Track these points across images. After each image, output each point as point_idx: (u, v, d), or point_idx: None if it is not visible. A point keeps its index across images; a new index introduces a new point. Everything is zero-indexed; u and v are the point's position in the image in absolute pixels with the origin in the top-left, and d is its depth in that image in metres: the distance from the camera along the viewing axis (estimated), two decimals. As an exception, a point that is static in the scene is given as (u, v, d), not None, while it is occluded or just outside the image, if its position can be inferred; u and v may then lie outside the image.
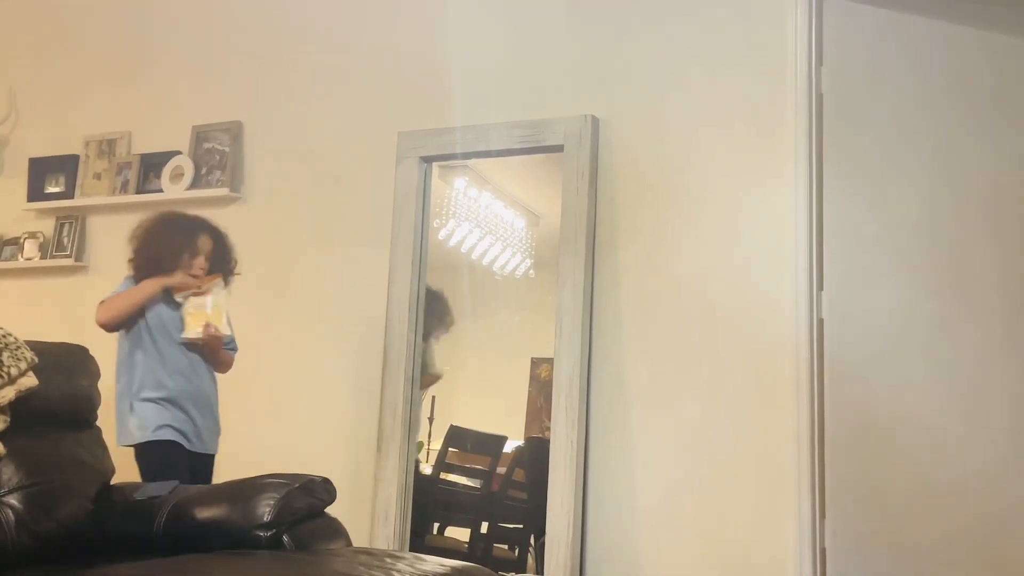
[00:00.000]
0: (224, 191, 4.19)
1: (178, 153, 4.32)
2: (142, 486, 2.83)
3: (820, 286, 3.33)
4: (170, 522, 2.61)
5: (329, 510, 2.74)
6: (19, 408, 2.63)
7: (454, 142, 3.83)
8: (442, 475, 4.91)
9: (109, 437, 2.99)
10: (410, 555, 2.55)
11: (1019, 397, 3.27)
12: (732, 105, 3.48)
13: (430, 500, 4.67)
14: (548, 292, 3.69)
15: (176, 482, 2.79)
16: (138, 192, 4.37)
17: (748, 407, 3.33)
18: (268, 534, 2.51)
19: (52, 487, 2.65)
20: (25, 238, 4.55)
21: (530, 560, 5.24)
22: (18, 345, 2.69)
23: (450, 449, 4.96)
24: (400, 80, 4.02)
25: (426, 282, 3.90)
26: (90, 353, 3.01)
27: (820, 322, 3.31)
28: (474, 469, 5.03)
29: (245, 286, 4.15)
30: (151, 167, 4.38)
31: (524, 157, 3.86)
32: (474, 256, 6.33)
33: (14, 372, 2.62)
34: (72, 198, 4.51)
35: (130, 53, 4.57)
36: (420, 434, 5.26)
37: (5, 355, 2.61)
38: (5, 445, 2.57)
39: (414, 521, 4.00)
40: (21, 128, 4.74)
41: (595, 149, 3.60)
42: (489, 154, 3.85)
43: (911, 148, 3.42)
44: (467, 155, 3.94)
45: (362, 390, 3.80)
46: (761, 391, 3.32)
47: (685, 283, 3.48)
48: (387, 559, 2.36)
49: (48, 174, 4.59)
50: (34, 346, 2.74)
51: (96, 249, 4.49)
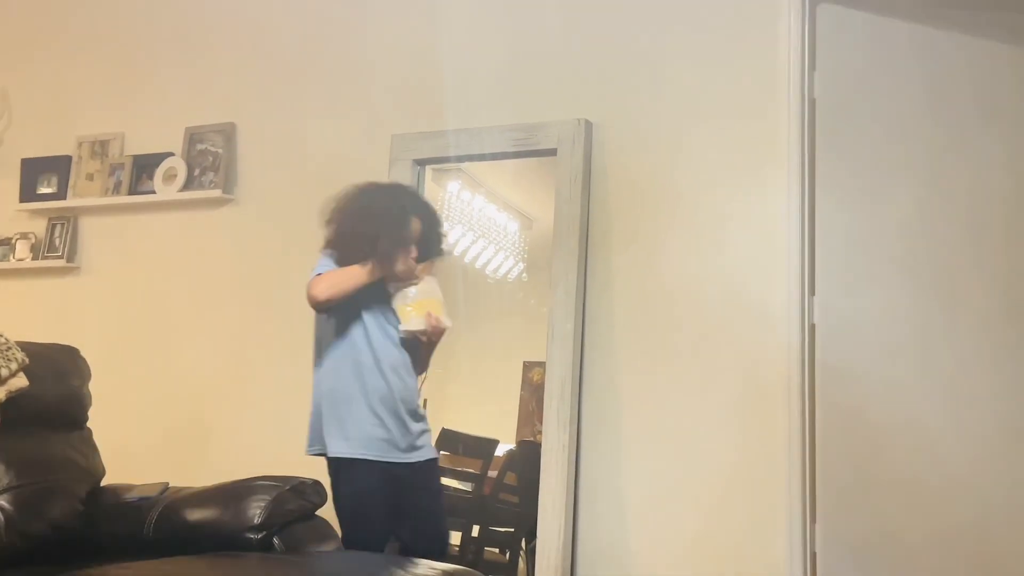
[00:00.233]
0: (217, 193, 4.18)
1: (171, 155, 4.31)
2: (134, 487, 2.82)
3: (812, 291, 3.34)
4: (160, 524, 2.61)
5: (320, 512, 2.74)
6: (10, 409, 2.63)
7: (447, 145, 3.83)
8: (433, 478, 4.90)
9: (99, 438, 2.98)
10: (401, 558, 2.55)
11: (1010, 401, 3.27)
12: (725, 110, 3.49)
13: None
14: (541, 296, 3.69)
15: (166, 483, 2.78)
16: (131, 193, 4.36)
17: (740, 411, 3.34)
18: (258, 536, 2.51)
19: (42, 488, 2.65)
20: (17, 239, 4.54)
21: (521, 564, 5.23)
22: (9, 346, 2.69)
23: (441, 452, 4.96)
24: (394, 83, 4.02)
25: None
26: (81, 354, 3.01)
27: (812, 327, 3.32)
28: (465, 472, 5.03)
29: (240, 287, 4.15)
30: (144, 168, 4.37)
31: (517, 161, 3.86)
32: (467, 259, 6.33)
33: (4, 373, 2.62)
34: (64, 199, 4.49)
35: (123, 54, 4.56)
36: (412, 437, 5.23)
37: (-4, 355, 2.61)
38: (-5, 446, 2.57)
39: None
40: (13, 128, 4.73)
41: (588, 153, 3.61)
42: (482, 157, 3.85)
43: (903, 153, 3.43)
44: (460, 158, 3.94)
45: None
46: (753, 395, 3.33)
47: (677, 287, 3.48)
48: (378, 561, 2.36)
49: (40, 175, 4.57)
50: (25, 347, 2.74)
51: (88, 250, 4.48)
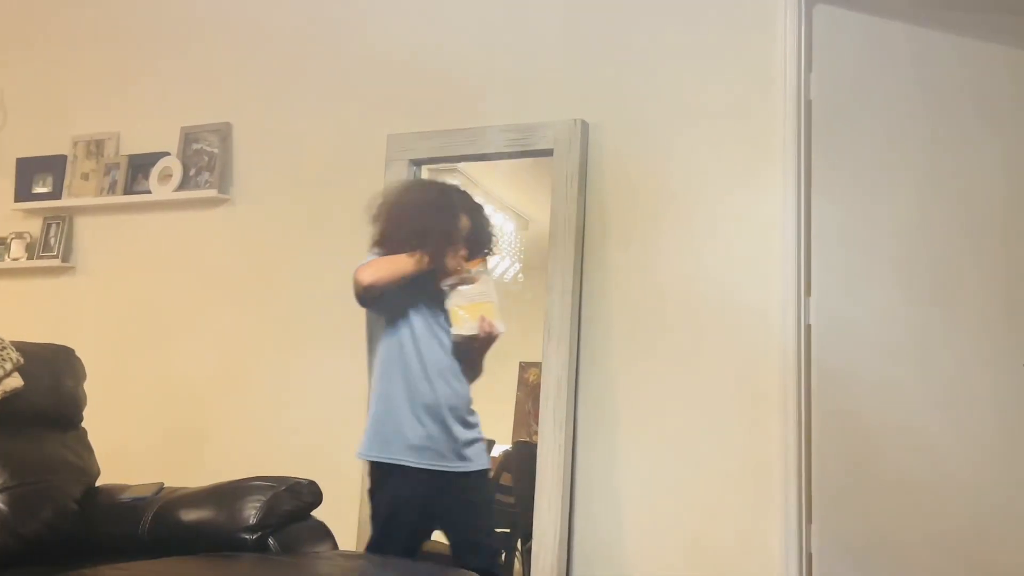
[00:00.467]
0: (213, 193, 4.18)
1: (167, 154, 4.30)
2: (129, 488, 2.82)
3: (808, 292, 3.34)
4: (155, 524, 2.60)
5: (315, 513, 2.74)
6: (4, 409, 2.62)
7: (444, 145, 3.83)
8: (429, 479, 4.90)
9: (94, 438, 2.98)
10: (397, 558, 2.55)
11: (1005, 402, 3.28)
12: (721, 111, 3.49)
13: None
14: (537, 296, 3.69)
15: (162, 483, 2.77)
16: (126, 193, 4.35)
17: (735, 412, 3.34)
18: (254, 537, 2.51)
19: (37, 488, 2.65)
20: (12, 238, 4.53)
21: (517, 565, 5.23)
22: (3, 346, 2.68)
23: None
24: (390, 83, 4.01)
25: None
26: (76, 354, 3.00)
27: (807, 328, 3.32)
28: (461, 473, 5.02)
29: (236, 287, 4.15)
30: (139, 168, 4.36)
31: (514, 161, 3.86)
32: (463, 260, 6.33)
33: (-1, 373, 2.62)
34: (59, 198, 4.49)
35: (119, 54, 4.56)
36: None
37: (-10, 355, 2.61)
38: (-10, 446, 2.56)
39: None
40: (9, 128, 4.72)
41: (584, 153, 3.60)
42: (479, 158, 3.85)
43: (899, 154, 3.43)
44: (456, 158, 3.94)
45: (350, 393, 3.79)
46: (748, 396, 3.33)
47: (674, 287, 3.48)
48: (374, 562, 2.36)
49: (36, 174, 4.57)
50: (20, 347, 2.73)
51: (83, 250, 4.47)
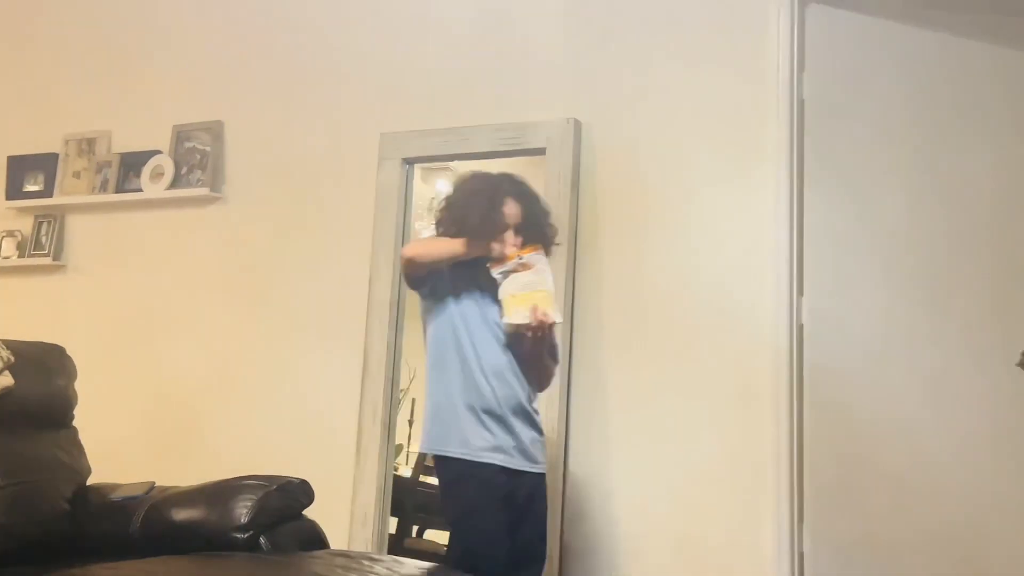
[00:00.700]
0: (204, 191, 4.17)
1: (158, 152, 4.29)
2: (120, 487, 2.81)
3: (800, 291, 3.34)
4: (147, 523, 2.60)
5: (307, 512, 2.74)
6: (-5, 407, 2.62)
7: (436, 144, 3.82)
8: (421, 478, 4.90)
9: (85, 437, 2.97)
10: (388, 558, 2.54)
11: (996, 401, 3.28)
12: (715, 110, 3.49)
13: (409, 503, 4.67)
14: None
15: (153, 483, 2.77)
16: (118, 191, 4.35)
17: (728, 411, 3.34)
18: (245, 536, 2.50)
19: (28, 487, 2.64)
20: (3, 237, 4.52)
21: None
22: (-6, 344, 2.68)
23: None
24: (382, 81, 4.01)
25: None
26: (67, 353, 2.99)
27: (800, 327, 3.32)
28: (454, 472, 5.02)
29: (228, 285, 4.14)
30: (131, 166, 4.35)
31: (506, 160, 3.85)
32: (455, 259, 6.32)
33: (-10, 371, 2.61)
34: (51, 197, 4.48)
35: (111, 51, 4.55)
36: (400, 436, 5.25)
37: (-19, 354, 2.60)
38: (-20, 445, 2.56)
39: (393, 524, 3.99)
40: (0, 126, 4.71)
41: (577, 152, 3.60)
42: (471, 156, 3.84)
43: (892, 153, 3.44)
44: (449, 157, 3.94)
45: (342, 392, 3.79)
46: (741, 395, 3.33)
47: (666, 287, 3.48)
48: (365, 562, 2.36)
49: (27, 172, 4.56)
50: (10, 345, 2.73)
51: (75, 248, 4.46)
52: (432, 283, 2.86)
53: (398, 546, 4.42)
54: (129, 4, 4.56)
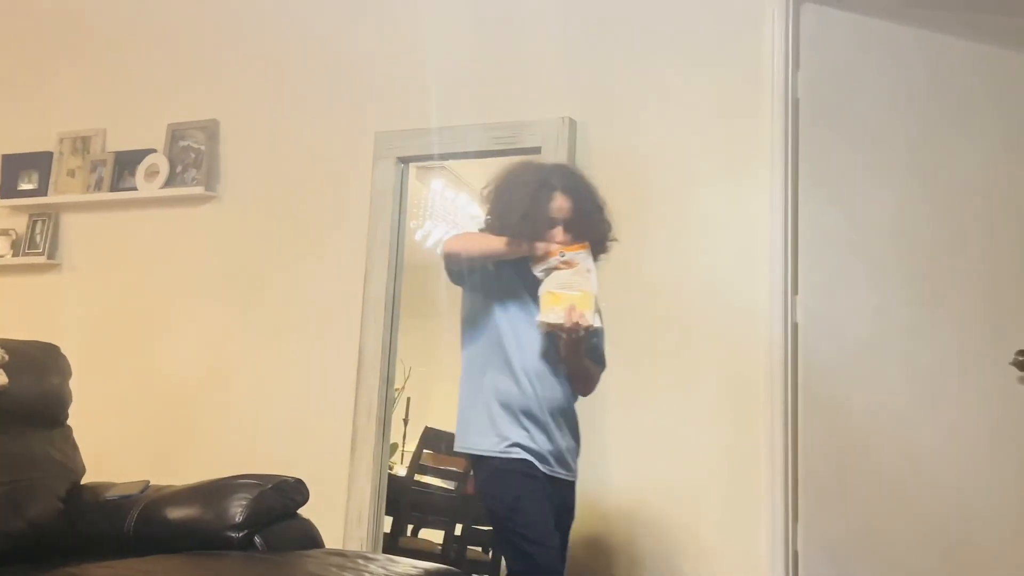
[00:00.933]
0: (199, 190, 4.17)
1: (153, 151, 4.29)
2: (114, 486, 2.81)
3: (795, 290, 3.34)
4: (141, 522, 2.59)
5: (302, 511, 2.73)
6: (-11, 406, 2.61)
7: (431, 143, 3.82)
8: (416, 477, 4.91)
9: (80, 436, 2.96)
10: (383, 557, 2.55)
11: (990, 400, 3.29)
12: (709, 109, 3.49)
13: (404, 502, 4.67)
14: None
15: (147, 481, 2.76)
16: (112, 190, 4.34)
17: (722, 410, 3.34)
18: (240, 535, 2.50)
19: (22, 486, 2.63)
20: (-3, 235, 4.52)
21: (504, 563, 5.23)
22: (-12, 343, 2.67)
23: (425, 451, 4.96)
24: (377, 80, 4.01)
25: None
26: (62, 351, 2.99)
27: (795, 326, 3.32)
28: (449, 471, 5.03)
29: (223, 284, 4.14)
30: (126, 165, 4.34)
31: (501, 159, 3.85)
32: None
33: (-16, 370, 2.60)
34: (45, 195, 4.47)
35: (105, 49, 4.54)
36: (395, 435, 5.24)
37: (-25, 353, 2.60)
38: (-26, 444, 2.55)
39: (388, 523, 3.99)
40: (-6, 124, 4.71)
41: (572, 151, 3.60)
42: (466, 155, 3.85)
43: (887, 153, 3.44)
44: (444, 156, 3.94)
45: (336, 391, 3.79)
46: (735, 394, 3.33)
47: (660, 286, 3.48)
48: (360, 561, 2.36)
49: (21, 171, 4.55)
50: (5, 344, 2.72)
51: (69, 247, 4.45)
52: (473, 279, 2.71)
53: (393, 545, 4.42)
54: (124, 2, 4.56)
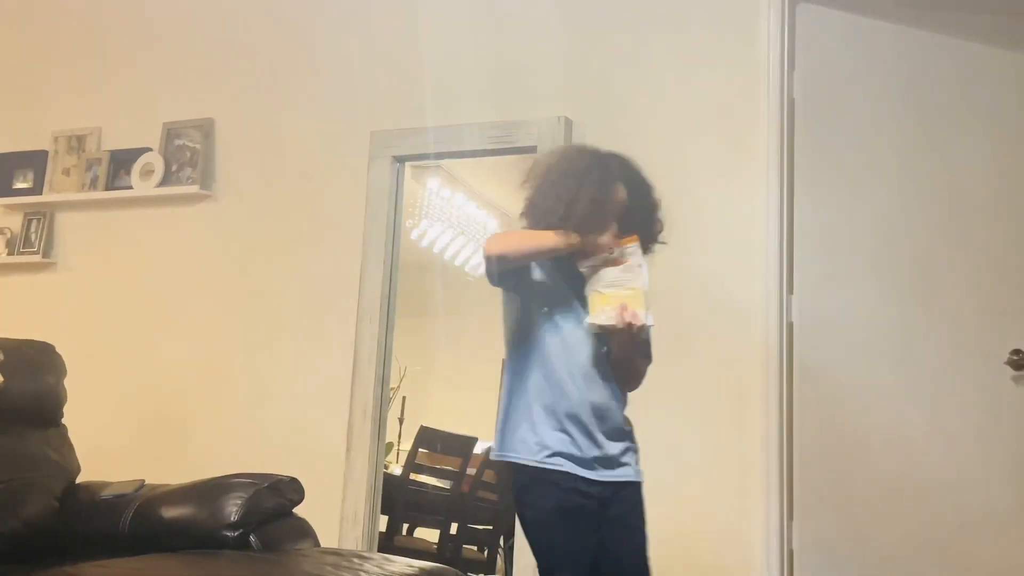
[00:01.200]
0: (195, 189, 4.16)
1: (148, 150, 4.28)
2: (109, 485, 2.80)
3: (790, 290, 3.35)
4: (136, 521, 2.59)
5: (297, 510, 2.73)
6: (-16, 405, 2.61)
7: (427, 142, 3.82)
8: (412, 476, 4.91)
9: (75, 435, 2.96)
10: (378, 556, 2.54)
11: (986, 400, 3.29)
12: (704, 109, 3.50)
13: (399, 501, 4.67)
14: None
15: (142, 480, 2.76)
16: (107, 189, 4.34)
17: (717, 409, 3.34)
18: (235, 534, 2.50)
19: (17, 485, 2.63)
20: (-8, 234, 4.51)
21: (499, 562, 5.24)
22: (-17, 342, 2.67)
23: (420, 450, 4.97)
24: (373, 79, 4.01)
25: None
26: (56, 351, 2.98)
27: (790, 326, 3.33)
28: (444, 470, 5.04)
29: (218, 283, 4.13)
30: (121, 164, 4.34)
31: (497, 158, 3.86)
32: (446, 257, 6.35)
33: (-21, 369, 2.60)
34: (40, 194, 4.46)
35: (101, 48, 4.53)
36: (390, 435, 5.25)
37: (-30, 352, 2.59)
38: (-31, 443, 2.55)
39: (383, 522, 3.99)
40: (-11, 123, 4.70)
41: (568, 151, 3.60)
42: (462, 154, 3.85)
43: (882, 152, 3.44)
44: (440, 155, 3.94)
45: (332, 389, 3.78)
46: (730, 393, 3.33)
47: (655, 285, 3.45)
48: (355, 560, 2.36)
49: (16, 170, 4.54)
50: (0, 343, 2.71)
51: (64, 246, 4.44)
52: (516, 279, 2.50)
53: (388, 544, 4.43)
54: (119, 1, 4.55)
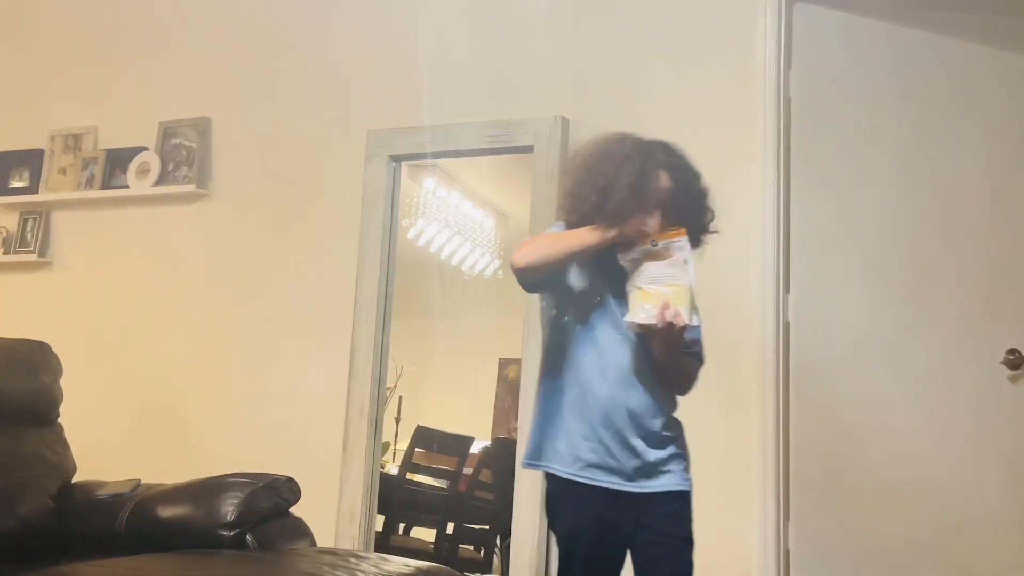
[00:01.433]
0: (191, 188, 4.16)
1: (145, 149, 4.28)
2: (106, 484, 2.80)
3: (787, 289, 3.35)
4: (132, 520, 2.59)
5: (294, 510, 2.73)
6: (-21, 405, 2.60)
7: (424, 141, 3.82)
8: (408, 475, 4.91)
9: (71, 434, 2.96)
10: (375, 555, 2.54)
11: (982, 399, 3.30)
12: (701, 108, 3.50)
13: (396, 500, 4.67)
14: (516, 293, 3.66)
15: (139, 480, 2.76)
16: (103, 188, 4.33)
17: (714, 408, 3.34)
18: (231, 533, 2.49)
19: (12, 485, 2.62)
20: (-12, 233, 4.51)
21: (496, 561, 5.24)
22: (-21, 341, 2.66)
23: (417, 449, 4.97)
24: (370, 78, 4.00)
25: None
26: (52, 350, 2.98)
27: (786, 325, 3.33)
28: (440, 469, 5.04)
29: (214, 283, 4.13)
30: (117, 162, 4.34)
31: (493, 157, 3.86)
32: (443, 256, 6.35)
33: (-26, 368, 2.60)
34: (36, 193, 4.46)
35: (97, 47, 4.53)
36: (387, 434, 5.25)
37: (-35, 351, 2.59)
38: (-36, 442, 2.55)
39: (380, 521, 3.99)
40: (-15, 122, 4.69)
41: (564, 150, 3.60)
42: (459, 154, 3.85)
43: (878, 152, 3.45)
44: (437, 155, 3.94)
45: (328, 389, 3.78)
46: (727, 392, 3.33)
47: (653, 285, 3.48)
48: (351, 559, 2.35)
49: (12, 168, 4.54)
50: (-5, 342, 2.71)
51: (60, 245, 4.44)
52: (551, 282, 2.39)
53: (385, 543, 4.42)
54: (117, 0, 4.54)
